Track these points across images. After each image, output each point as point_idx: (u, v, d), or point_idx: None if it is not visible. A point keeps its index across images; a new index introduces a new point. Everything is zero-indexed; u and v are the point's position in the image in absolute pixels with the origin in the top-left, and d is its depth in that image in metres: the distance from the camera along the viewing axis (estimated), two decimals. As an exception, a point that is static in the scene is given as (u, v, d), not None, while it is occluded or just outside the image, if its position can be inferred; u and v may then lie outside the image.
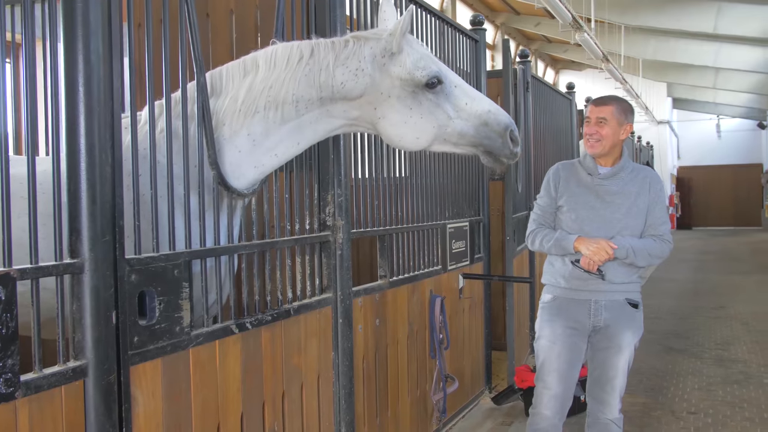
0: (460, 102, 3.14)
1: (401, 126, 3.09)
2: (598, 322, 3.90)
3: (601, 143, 3.88)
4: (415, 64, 3.04)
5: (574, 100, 10.56)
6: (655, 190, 3.96)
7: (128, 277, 2.40)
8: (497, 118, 3.16)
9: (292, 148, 3.10)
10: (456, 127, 3.13)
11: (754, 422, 5.73)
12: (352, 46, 3.06)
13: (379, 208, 4.35)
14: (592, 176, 3.97)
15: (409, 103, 3.06)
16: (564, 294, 3.97)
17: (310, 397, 3.56)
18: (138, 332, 2.45)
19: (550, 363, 3.97)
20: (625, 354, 3.90)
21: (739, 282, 14.67)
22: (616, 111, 3.87)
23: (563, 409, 4.00)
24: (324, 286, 3.71)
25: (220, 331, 2.89)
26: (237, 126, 2.96)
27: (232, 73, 3.02)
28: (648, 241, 3.88)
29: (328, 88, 3.02)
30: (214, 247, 2.90)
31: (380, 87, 3.05)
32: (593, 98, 4.06)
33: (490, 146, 3.19)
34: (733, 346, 8.53)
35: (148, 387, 2.51)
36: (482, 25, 6.25)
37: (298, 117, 3.03)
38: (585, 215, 3.92)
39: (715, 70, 23.77)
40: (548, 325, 4.01)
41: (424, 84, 3.04)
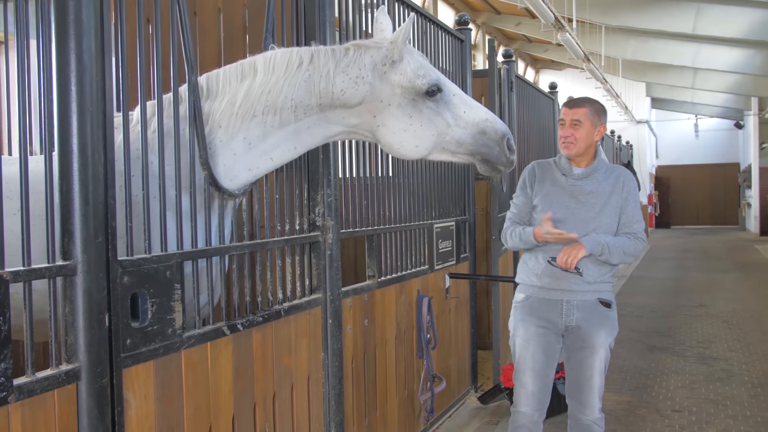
0: (458, 110, 3.17)
1: (401, 133, 3.10)
2: (570, 322, 3.92)
3: (576, 145, 3.92)
4: (415, 72, 3.07)
5: (556, 100, 10.60)
6: (628, 189, 3.99)
7: (121, 278, 2.38)
8: (494, 126, 3.21)
9: (288, 152, 3.09)
10: (455, 135, 3.16)
11: (737, 420, 5.78)
12: (352, 54, 3.07)
13: (368, 208, 4.34)
14: (567, 176, 4.00)
15: (410, 111, 3.09)
16: (536, 293, 3.98)
17: (301, 398, 3.55)
18: (130, 334, 2.42)
19: (525, 362, 4.00)
20: (600, 354, 3.91)
21: (718, 280, 14.82)
22: (589, 113, 3.92)
23: (542, 406, 4.02)
24: (314, 286, 3.70)
25: (211, 332, 2.87)
26: (233, 129, 2.93)
27: (230, 76, 2.99)
28: (622, 239, 3.90)
29: (327, 95, 3.02)
30: (205, 248, 2.87)
31: (380, 95, 3.07)
32: (566, 100, 4.10)
33: (487, 154, 3.24)
34: (714, 344, 8.61)
35: (141, 390, 2.48)
36: (468, 25, 6.25)
37: (296, 122, 3.02)
38: (560, 215, 3.92)
39: (694, 70, 23.96)
40: (521, 324, 4.03)
41: (425, 92, 3.07)
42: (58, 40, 2.19)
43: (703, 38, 19.09)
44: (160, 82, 2.68)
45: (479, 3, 21.26)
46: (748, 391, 6.59)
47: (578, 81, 24.38)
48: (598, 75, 18.18)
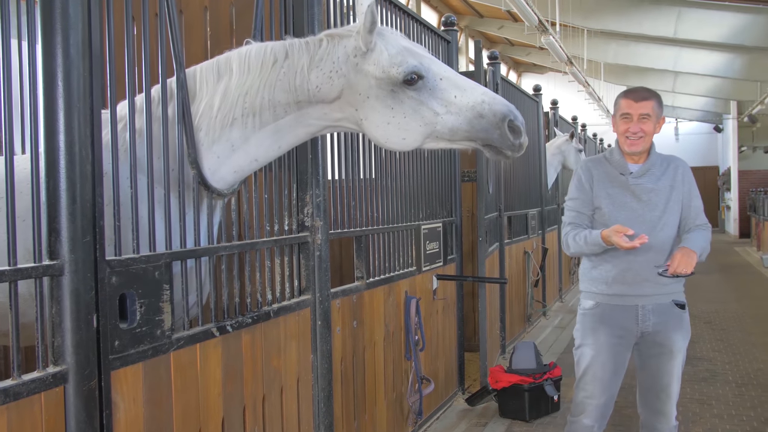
0: (448, 95, 2.91)
1: (384, 127, 2.92)
2: (647, 328, 3.77)
3: (644, 140, 3.74)
4: (390, 61, 2.85)
5: (540, 102, 10.63)
6: (689, 180, 3.86)
7: (109, 279, 2.33)
8: (492, 108, 2.90)
9: (272, 151, 3.01)
10: (447, 123, 2.91)
11: (722, 419, 5.80)
12: (325, 45, 2.92)
13: (356, 209, 4.30)
14: (625, 175, 3.83)
15: (390, 102, 2.88)
16: (607, 300, 3.83)
17: (290, 400, 3.50)
18: (119, 336, 2.37)
19: (594, 372, 3.84)
20: (678, 358, 3.78)
21: (700, 281, 14.88)
22: (656, 105, 3.75)
23: (603, 418, 3.90)
24: (303, 287, 3.65)
25: (200, 334, 2.82)
26: (214, 134, 2.85)
27: (206, 76, 2.90)
28: (703, 234, 3.77)
29: (304, 92, 2.90)
30: (194, 248, 2.82)
31: (357, 88, 2.89)
32: (626, 91, 3.87)
33: (488, 139, 2.94)
34: (698, 345, 8.64)
35: (129, 392, 2.43)
36: (454, 26, 6.24)
37: (276, 121, 2.92)
38: (625, 217, 3.77)
39: (674, 74, 24.13)
40: (591, 333, 3.87)
41: (402, 81, 2.85)
42: (44, 35, 2.14)
43: (683, 42, 19.23)
44: (148, 78, 2.63)
45: (462, 6, 21.30)
46: (733, 390, 6.62)
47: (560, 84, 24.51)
48: (581, 78, 18.26)
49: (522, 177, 9.40)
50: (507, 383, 5.72)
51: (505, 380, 5.74)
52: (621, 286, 3.80)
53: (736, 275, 16.14)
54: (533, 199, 9.94)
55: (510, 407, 5.78)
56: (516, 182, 9.00)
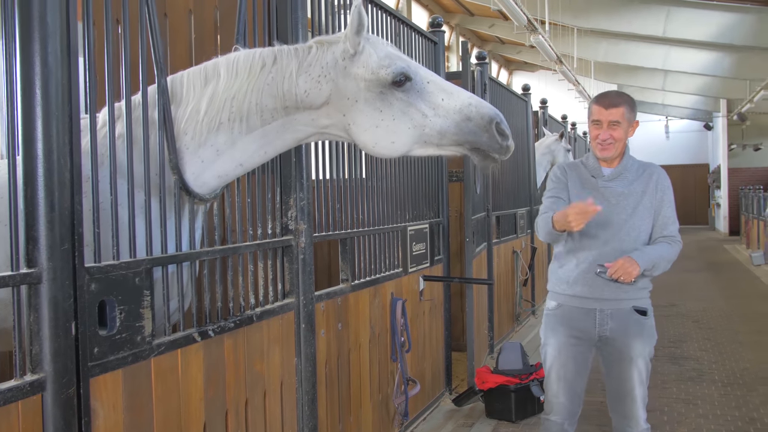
0: (435, 98, 2.94)
1: (373, 130, 2.92)
2: (605, 332, 3.81)
3: (615, 146, 3.78)
4: (379, 63, 2.88)
5: (529, 102, 10.65)
6: (663, 188, 3.87)
7: (88, 286, 2.33)
8: (480, 111, 2.94)
9: (258, 157, 3.01)
10: (435, 125, 2.92)
11: (707, 419, 5.83)
12: (315, 52, 2.94)
13: (341, 211, 4.31)
14: (597, 178, 3.88)
15: (378, 105, 2.89)
16: (568, 302, 3.88)
17: (273, 404, 3.50)
18: (98, 343, 2.37)
19: (556, 372, 3.91)
20: (639, 364, 3.80)
21: (689, 279, 14.96)
22: (626, 111, 3.76)
23: (572, 416, 3.95)
24: (286, 291, 3.66)
25: (182, 339, 2.82)
26: (200, 138, 2.85)
27: (193, 80, 2.90)
28: (664, 248, 3.79)
29: (291, 97, 2.90)
30: (176, 253, 2.83)
31: (346, 92, 2.91)
32: (598, 97, 3.90)
33: (476, 143, 2.97)
34: (685, 344, 8.69)
35: (109, 399, 2.43)
36: (441, 27, 6.24)
37: (263, 126, 2.93)
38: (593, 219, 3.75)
39: (664, 72, 24.21)
40: (552, 333, 3.94)
41: (391, 82, 2.87)
42: (22, 43, 2.14)
43: (673, 41, 19.30)
44: (129, 84, 2.63)
45: (453, 4, 21.32)
46: (719, 390, 6.66)
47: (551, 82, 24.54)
48: (571, 77, 18.29)
49: (511, 176, 9.42)
50: (493, 384, 5.74)
51: (492, 381, 5.76)
52: (582, 287, 3.83)
53: (725, 273, 16.23)
54: (522, 199, 9.96)
55: (496, 408, 5.80)
56: (505, 181, 9.01)
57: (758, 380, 6.99)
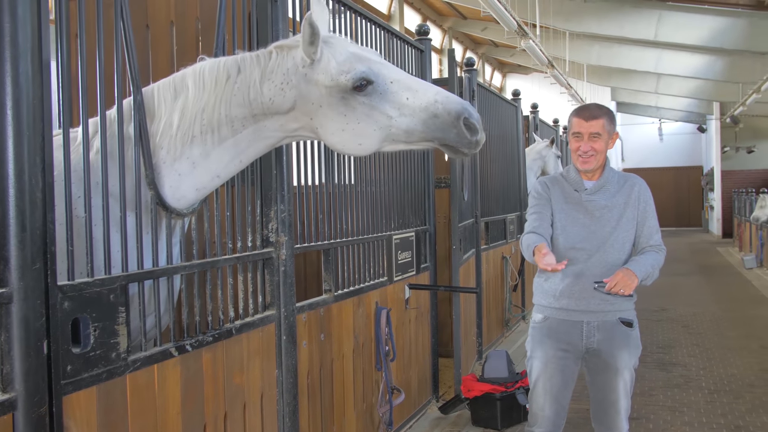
0: (400, 98, 2.90)
1: (340, 134, 2.92)
2: (591, 344, 3.83)
3: (596, 158, 3.79)
4: (338, 69, 2.86)
5: (519, 107, 10.67)
6: (645, 199, 3.89)
7: (61, 304, 2.33)
8: (446, 107, 2.89)
9: (233, 166, 3.02)
10: (401, 125, 2.90)
11: (693, 426, 5.85)
12: (275, 58, 2.93)
13: (324, 221, 4.31)
14: (579, 192, 3.89)
15: (342, 109, 2.88)
16: (555, 314, 3.90)
17: (253, 416, 3.51)
18: (71, 360, 2.37)
19: (543, 385, 3.92)
20: (624, 375, 3.83)
21: (680, 283, 14.99)
22: (606, 123, 3.79)
23: (557, 427, 3.96)
24: (267, 303, 3.66)
25: (158, 354, 2.82)
26: (176, 152, 2.87)
27: (163, 94, 2.91)
28: (654, 257, 3.81)
29: (258, 105, 2.91)
30: (152, 269, 2.83)
31: (310, 97, 2.90)
32: (577, 109, 3.92)
33: (444, 139, 2.94)
34: (674, 349, 8.70)
35: (83, 416, 2.43)
36: (428, 35, 6.24)
37: (235, 135, 2.94)
38: (576, 232, 3.85)
39: (657, 75, 24.26)
40: (539, 346, 3.95)
41: (351, 88, 2.85)
42: (-8, 63, 2.14)
43: (665, 44, 19.34)
44: (103, 100, 2.63)
45: (445, 8, 21.33)
46: (705, 397, 6.68)
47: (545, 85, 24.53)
48: (563, 80, 18.32)
49: (501, 181, 9.43)
50: (479, 392, 5.75)
51: (477, 389, 5.77)
52: (568, 300, 3.85)
53: (716, 277, 16.26)
54: (512, 204, 9.98)
55: (482, 416, 5.81)
56: (494, 187, 9.02)
57: (745, 387, 7.01)
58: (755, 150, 28.34)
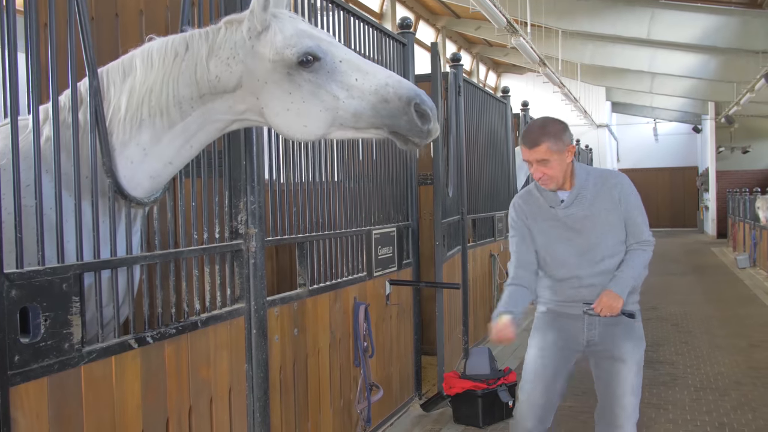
0: (348, 78, 2.78)
1: (284, 114, 2.79)
2: (593, 336, 3.74)
3: (553, 180, 3.66)
4: (284, 43, 2.74)
5: (509, 104, 10.61)
6: (626, 198, 3.74)
7: (8, 292, 2.26)
8: (398, 91, 2.76)
9: (185, 152, 2.92)
10: (349, 107, 2.77)
11: (677, 424, 5.80)
12: (223, 32, 2.82)
13: (298, 214, 4.25)
14: (555, 208, 3.76)
15: (287, 87, 2.75)
16: (557, 307, 3.85)
17: (221, 410, 3.44)
18: (19, 351, 2.31)
19: (535, 373, 3.83)
20: (630, 367, 3.70)
21: (673, 282, 14.95)
22: (551, 145, 3.60)
23: (544, 422, 3.84)
24: (236, 296, 3.60)
25: (116, 346, 2.76)
26: (125, 137, 2.79)
27: (113, 77, 2.83)
28: (638, 258, 3.73)
29: (204, 83, 2.81)
30: (109, 258, 2.76)
31: (256, 73, 2.78)
32: (522, 136, 3.73)
33: (394, 126, 2.80)
34: (662, 348, 8.65)
35: (32, 408, 2.37)
36: (410, 28, 6.19)
37: (184, 119, 2.84)
38: (562, 250, 3.75)
39: (651, 75, 24.21)
40: (539, 334, 3.89)
41: (297, 63, 2.72)
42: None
43: (658, 43, 19.30)
44: (56, 85, 2.57)
45: (438, 6, 21.26)
46: (690, 395, 6.62)
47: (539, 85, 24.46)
48: (555, 79, 18.26)
49: (489, 179, 9.37)
50: (460, 389, 5.70)
51: (459, 386, 5.71)
52: (571, 304, 3.80)
53: (709, 276, 16.22)
54: (501, 201, 9.91)
55: (464, 413, 5.75)
56: (482, 184, 8.96)
57: (731, 385, 6.96)
58: (750, 150, 28.32)
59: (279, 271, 5.65)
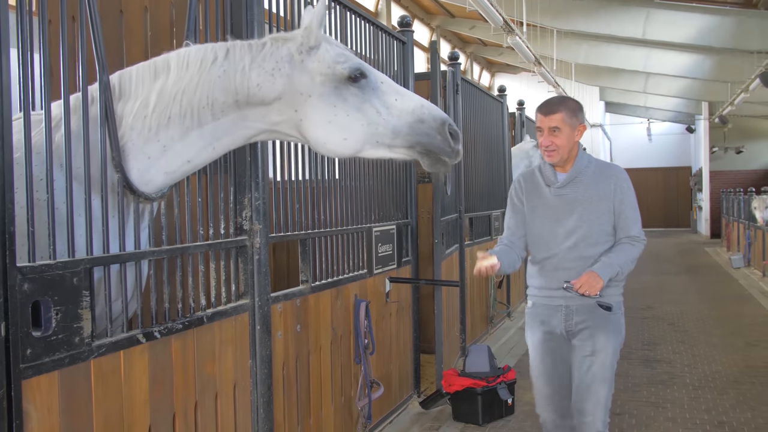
0: (388, 98, 2.94)
1: (325, 126, 2.89)
2: (571, 326, 3.86)
3: (558, 152, 3.80)
4: (335, 58, 2.90)
5: (505, 103, 10.64)
6: (622, 191, 3.85)
7: (20, 286, 2.28)
8: (432, 113, 2.96)
9: (206, 153, 2.96)
10: (389, 124, 2.92)
11: (676, 422, 5.82)
12: (269, 47, 2.92)
13: (301, 211, 4.26)
14: (550, 186, 3.90)
15: (333, 100, 2.88)
16: (540, 301, 3.98)
17: (226, 406, 3.46)
18: (31, 344, 2.32)
19: (536, 367, 4.02)
20: (600, 358, 3.80)
21: (668, 282, 15.01)
22: (566, 116, 3.77)
23: (561, 409, 3.96)
24: (241, 292, 3.61)
25: (125, 340, 2.77)
26: (148, 132, 2.80)
27: (143, 75, 2.86)
28: (626, 251, 3.81)
29: (243, 91, 2.87)
30: (118, 253, 2.78)
31: (299, 87, 2.88)
32: (540, 104, 3.92)
33: (428, 144, 2.96)
34: (659, 347, 8.69)
35: (44, 402, 2.38)
36: (410, 26, 6.21)
37: (215, 121, 2.88)
38: (550, 227, 3.87)
39: (646, 74, 24.28)
40: (530, 330, 4.06)
41: (347, 77, 2.87)
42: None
43: (653, 43, 19.36)
44: (67, 81, 2.58)
45: (433, 6, 21.29)
46: (689, 393, 6.66)
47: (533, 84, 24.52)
48: (550, 79, 18.31)
49: (486, 177, 9.39)
50: (460, 387, 5.71)
51: (458, 384, 5.73)
52: (549, 291, 3.93)
53: (704, 276, 16.27)
54: (497, 200, 9.93)
55: (463, 411, 5.77)
56: (479, 183, 8.98)
57: (729, 383, 7.00)
58: (744, 150, 28.40)
59: (276, 269, 5.67)
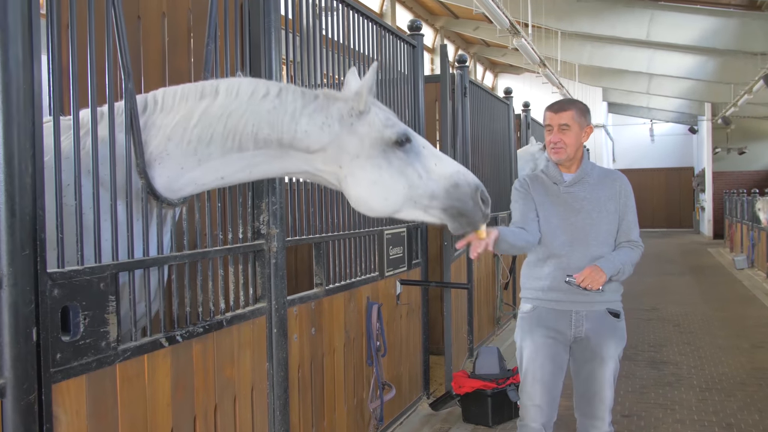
0: (429, 162, 3.03)
1: (370, 186, 2.96)
2: (580, 333, 3.87)
3: (566, 150, 3.87)
4: (384, 123, 2.97)
5: (511, 105, 10.67)
6: (626, 194, 3.95)
7: (50, 291, 2.31)
8: (467, 179, 3.06)
9: (241, 174, 2.99)
10: (428, 188, 3.00)
11: (684, 424, 5.86)
12: (321, 100, 2.97)
13: (315, 215, 4.30)
14: (558, 185, 3.96)
15: (379, 162, 2.95)
16: (544, 304, 3.94)
17: (244, 409, 3.49)
18: (61, 348, 2.36)
19: (533, 374, 3.93)
20: (610, 365, 3.87)
21: (671, 283, 15.04)
22: (576, 115, 3.86)
23: (549, 421, 3.95)
24: (258, 295, 3.65)
25: (148, 344, 2.80)
26: (187, 146, 2.83)
27: (188, 93, 2.89)
28: (628, 253, 3.87)
29: (290, 133, 2.90)
30: (142, 258, 2.81)
31: (347, 146, 2.94)
32: (550, 104, 4.01)
33: (461, 208, 3.04)
34: (665, 348, 8.72)
35: (72, 405, 2.41)
36: (420, 30, 6.24)
37: (256, 149, 2.91)
38: (557, 224, 3.90)
39: (649, 76, 24.31)
40: (529, 335, 3.97)
41: (395, 141, 2.96)
42: (-18, 48, 2.12)
43: (656, 44, 19.40)
44: (95, 87, 2.62)
45: (437, 7, 21.33)
46: (696, 395, 6.69)
47: (536, 85, 24.60)
48: (554, 80, 18.34)
49: (492, 179, 9.42)
50: (470, 388, 5.75)
51: (468, 386, 5.77)
52: (557, 293, 3.91)
53: (707, 277, 16.30)
54: (504, 202, 9.94)
55: (473, 412, 5.81)
56: (485, 184, 8.97)
57: (736, 385, 7.03)
58: (746, 151, 28.42)
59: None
